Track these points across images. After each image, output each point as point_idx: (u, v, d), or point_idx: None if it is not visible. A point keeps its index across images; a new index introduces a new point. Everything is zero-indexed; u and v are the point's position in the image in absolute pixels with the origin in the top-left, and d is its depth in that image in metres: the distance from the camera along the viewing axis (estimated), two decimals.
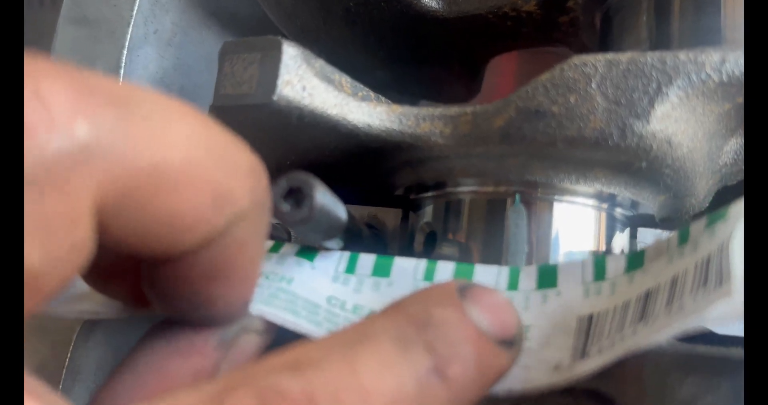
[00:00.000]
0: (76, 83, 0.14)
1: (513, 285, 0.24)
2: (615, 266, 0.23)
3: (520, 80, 0.49)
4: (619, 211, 0.30)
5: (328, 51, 0.41)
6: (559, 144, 0.26)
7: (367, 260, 0.26)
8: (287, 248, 0.27)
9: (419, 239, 0.31)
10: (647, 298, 0.21)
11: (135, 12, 0.37)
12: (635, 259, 0.23)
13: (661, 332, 0.18)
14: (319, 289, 0.25)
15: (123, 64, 0.36)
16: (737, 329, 0.19)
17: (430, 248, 0.31)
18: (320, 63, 0.28)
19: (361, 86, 0.30)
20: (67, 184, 0.14)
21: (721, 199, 0.31)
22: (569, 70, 0.26)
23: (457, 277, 0.25)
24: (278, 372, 0.15)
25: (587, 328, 0.22)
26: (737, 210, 0.20)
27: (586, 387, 0.22)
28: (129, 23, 0.37)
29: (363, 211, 0.35)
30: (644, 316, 0.20)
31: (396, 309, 0.18)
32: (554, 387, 0.21)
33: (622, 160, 0.26)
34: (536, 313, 0.23)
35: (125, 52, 0.36)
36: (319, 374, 0.15)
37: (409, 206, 0.33)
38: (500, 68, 0.49)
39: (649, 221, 0.32)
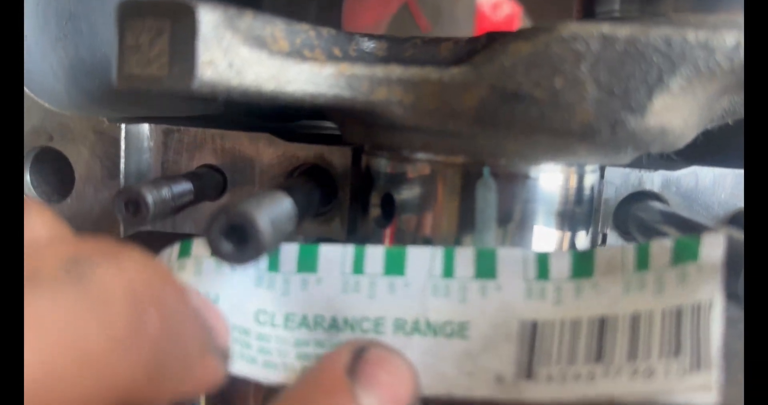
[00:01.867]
0: None
1: (448, 271, 0.23)
2: (559, 266, 0.22)
3: None
4: (589, 168, 0.27)
5: None
6: (540, 134, 0.22)
7: (289, 252, 0.23)
8: (198, 248, 0.23)
9: (375, 201, 0.28)
10: (603, 327, 0.20)
11: None
12: (582, 265, 0.22)
13: (628, 398, 0.19)
14: (245, 303, 0.22)
15: None
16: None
17: (387, 210, 0.28)
18: (246, 21, 0.22)
19: (298, 28, 0.25)
20: None
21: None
22: (556, 44, 0.21)
23: (389, 263, 0.23)
24: None
25: (531, 339, 0.21)
26: (712, 256, 0.19)
27: None
28: None
29: (308, 151, 0.31)
30: (601, 355, 0.20)
31: None
32: (498, 401, 0.21)
33: (608, 147, 0.23)
34: (475, 308, 0.22)
35: None
36: None
37: (362, 148, 0.30)
38: None
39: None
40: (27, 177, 0.31)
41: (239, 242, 0.20)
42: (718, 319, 0.18)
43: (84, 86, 0.34)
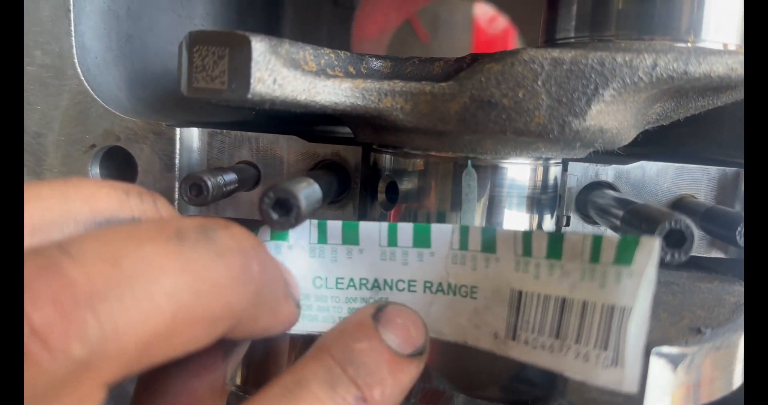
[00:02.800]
0: (59, 301, 0.16)
1: (464, 245, 0.28)
2: (538, 246, 0.26)
3: None
4: (552, 162, 0.34)
5: None
6: (508, 133, 0.29)
7: (334, 228, 0.29)
8: (262, 234, 0.29)
9: (382, 187, 0.35)
10: (563, 308, 0.25)
11: None
12: (554, 247, 0.26)
13: (572, 374, 0.24)
14: (303, 272, 0.29)
15: (72, 6, 0.35)
16: None
17: (391, 194, 0.35)
18: (285, 47, 0.29)
19: (322, 52, 0.32)
20: (75, 390, 0.16)
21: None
22: (519, 64, 0.28)
23: (417, 238, 0.29)
24: None
25: (517, 305, 0.26)
26: (641, 264, 0.22)
27: None
28: None
29: (326, 149, 0.38)
30: (559, 334, 0.25)
31: (322, 350, 0.23)
32: (492, 353, 0.26)
33: (560, 144, 0.30)
34: (481, 276, 0.28)
35: None
36: None
37: (370, 147, 0.37)
38: None
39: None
40: (98, 171, 0.38)
41: (283, 213, 0.27)
42: (634, 325, 0.22)
43: (139, 96, 0.41)
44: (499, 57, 0.29)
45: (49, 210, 0.19)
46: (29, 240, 0.19)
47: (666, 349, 0.25)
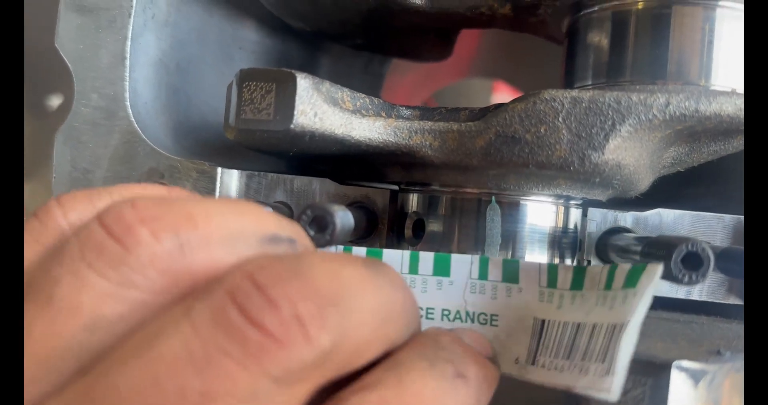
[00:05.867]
0: (315, 296, 0.18)
1: (483, 275, 0.30)
2: (563, 278, 0.28)
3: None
4: (573, 203, 0.36)
5: (310, 20, 0.44)
6: (531, 166, 0.31)
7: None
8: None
9: (409, 224, 0.37)
10: (577, 332, 0.26)
11: (134, 1, 0.39)
12: (578, 279, 0.28)
13: (574, 387, 0.24)
14: None
15: (128, 55, 0.39)
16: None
17: (418, 232, 0.36)
18: (326, 86, 0.32)
19: (358, 95, 0.34)
20: (304, 384, 0.18)
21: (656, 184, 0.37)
22: (540, 103, 0.31)
23: (437, 267, 0.30)
24: (359, 393, 0.21)
25: (539, 333, 0.27)
26: (644, 285, 0.24)
27: None
28: (130, 14, 0.39)
29: (356, 191, 0.40)
30: (570, 355, 0.26)
31: (411, 344, 0.24)
32: (512, 377, 0.27)
33: (580, 178, 0.32)
34: (502, 305, 0.29)
35: (129, 42, 0.39)
36: (387, 391, 0.21)
37: (397, 189, 0.39)
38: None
39: (597, 203, 0.38)
40: None
41: (319, 230, 0.29)
42: (625, 338, 0.23)
43: (182, 143, 0.44)
44: (522, 98, 0.31)
45: (230, 225, 0.21)
46: (221, 250, 0.21)
47: (686, 363, 0.25)
